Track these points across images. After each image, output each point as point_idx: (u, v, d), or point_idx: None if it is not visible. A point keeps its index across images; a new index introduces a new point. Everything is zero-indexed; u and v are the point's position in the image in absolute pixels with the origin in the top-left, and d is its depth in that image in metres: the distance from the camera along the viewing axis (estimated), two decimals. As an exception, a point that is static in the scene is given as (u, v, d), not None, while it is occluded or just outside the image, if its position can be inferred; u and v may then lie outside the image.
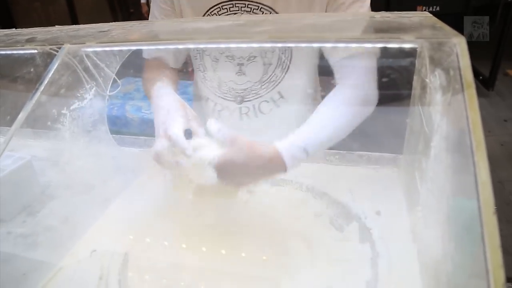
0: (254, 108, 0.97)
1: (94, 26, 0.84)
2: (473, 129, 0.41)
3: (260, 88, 0.94)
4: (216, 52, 0.91)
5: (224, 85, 0.95)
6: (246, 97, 0.96)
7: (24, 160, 0.90)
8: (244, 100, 0.96)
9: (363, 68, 0.78)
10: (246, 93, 0.95)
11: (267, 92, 0.94)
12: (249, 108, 0.97)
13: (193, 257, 0.75)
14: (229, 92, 0.96)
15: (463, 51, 0.47)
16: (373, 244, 0.73)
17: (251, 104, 0.97)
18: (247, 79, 0.93)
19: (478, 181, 0.37)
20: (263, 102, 0.96)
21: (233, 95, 0.96)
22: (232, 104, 0.97)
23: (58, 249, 0.77)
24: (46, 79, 0.66)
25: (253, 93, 0.95)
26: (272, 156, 0.66)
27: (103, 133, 0.91)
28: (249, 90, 0.95)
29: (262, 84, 0.93)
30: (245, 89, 0.95)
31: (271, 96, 0.95)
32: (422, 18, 0.65)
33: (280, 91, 0.94)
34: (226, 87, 0.95)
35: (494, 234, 0.34)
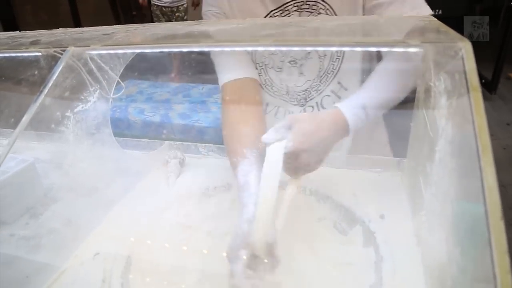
0: (317, 105, 0.97)
1: (99, 29, 0.84)
2: (479, 133, 0.41)
3: (319, 84, 0.94)
4: (278, 60, 0.91)
5: (291, 90, 0.96)
6: (308, 97, 0.96)
7: (27, 163, 0.90)
8: (306, 101, 0.96)
9: None
10: (307, 93, 0.95)
11: (327, 86, 0.94)
12: (313, 107, 0.97)
13: (196, 259, 0.75)
14: (294, 96, 0.96)
15: (468, 55, 0.46)
16: (377, 248, 0.73)
17: (314, 102, 0.96)
18: (306, 78, 0.93)
19: (485, 186, 0.37)
20: (324, 97, 0.96)
21: (296, 98, 0.96)
22: (296, 108, 0.97)
23: (61, 252, 0.77)
24: (50, 82, 0.66)
25: (314, 90, 0.95)
26: (337, 118, 0.67)
27: (107, 136, 0.91)
28: (310, 89, 0.95)
29: (320, 79, 0.93)
30: (306, 89, 0.95)
31: (331, 88, 0.95)
32: (426, 22, 0.65)
33: (339, 81, 0.94)
34: (292, 92, 0.96)
35: (501, 240, 0.33)
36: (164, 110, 2.48)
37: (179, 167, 1.01)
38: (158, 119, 2.40)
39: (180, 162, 1.02)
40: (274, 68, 0.93)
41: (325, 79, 0.93)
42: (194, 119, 2.36)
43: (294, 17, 0.85)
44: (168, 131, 2.38)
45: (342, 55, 0.90)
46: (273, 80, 0.95)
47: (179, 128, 2.35)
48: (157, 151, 1.07)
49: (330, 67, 0.92)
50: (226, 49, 0.84)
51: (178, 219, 0.84)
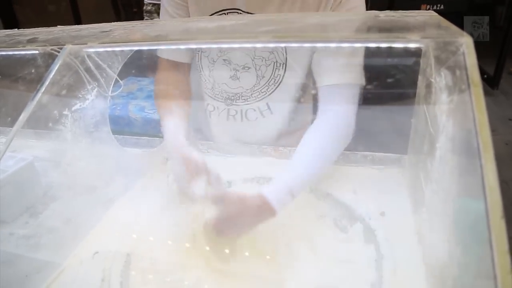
0: (241, 112, 0.99)
1: (96, 26, 0.84)
2: (480, 130, 0.40)
3: (250, 96, 0.96)
4: (214, 54, 0.92)
5: (217, 86, 0.97)
6: (235, 101, 0.98)
7: (26, 161, 0.90)
8: (233, 103, 0.99)
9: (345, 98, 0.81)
10: (236, 97, 0.97)
11: (256, 101, 0.97)
12: (236, 112, 1.00)
13: (196, 257, 0.75)
14: (221, 94, 0.98)
15: (470, 50, 0.46)
16: (377, 245, 0.72)
17: (239, 108, 0.99)
18: (240, 84, 0.95)
19: (486, 184, 0.36)
20: (250, 109, 0.98)
21: (224, 96, 0.98)
22: (222, 105, 1.00)
23: (61, 251, 0.77)
24: (48, 80, 0.65)
25: (242, 99, 0.97)
26: (262, 206, 0.69)
27: (105, 134, 0.91)
28: (240, 95, 0.97)
29: (252, 93, 0.95)
30: (236, 94, 0.97)
31: (259, 106, 0.97)
32: (427, 17, 0.64)
33: (268, 103, 0.96)
34: (219, 89, 0.98)
35: (502, 239, 0.33)
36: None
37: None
38: (159, 116, 2.40)
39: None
40: (208, 58, 0.94)
41: (256, 95, 0.95)
42: (194, 116, 2.35)
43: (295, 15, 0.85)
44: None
45: (280, 82, 0.92)
46: (203, 68, 0.96)
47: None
48: (156, 149, 1.07)
49: (264, 88, 0.94)
50: (223, 46, 0.84)
51: (177, 217, 0.84)
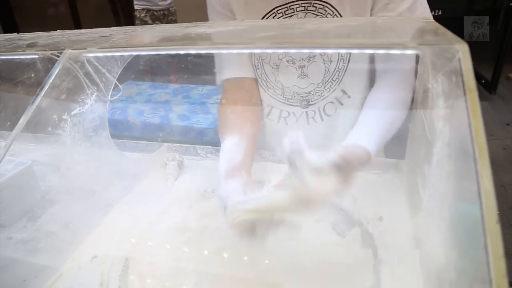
0: (319, 111, 0.96)
1: (96, 31, 0.84)
2: (476, 136, 0.40)
3: (323, 89, 0.93)
4: (275, 58, 0.90)
5: (288, 90, 0.95)
6: (311, 100, 0.95)
7: (25, 165, 0.90)
8: (309, 104, 0.96)
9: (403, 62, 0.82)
10: (310, 96, 0.95)
11: (331, 92, 0.94)
12: (314, 112, 0.97)
13: (195, 261, 0.75)
14: (294, 97, 0.95)
15: (465, 57, 0.46)
16: (375, 249, 0.72)
17: (316, 107, 0.96)
18: (310, 81, 0.92)
19: (481, 189, 0.36)
20: (328, 103, 0.96)
21: (298, 99, 0.95)
22: (298, 109, 0.97)
23: (59, 255, 0.77)
24: (47, 84, 0.66)
25: (317, 95, 0.94)
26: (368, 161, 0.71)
27: (104, 138, 0.91)
28: (314, 93, 0.94)
29: (325, 85, 0.93)
30: (309, 92, 0.94)
31: (335, 95, 0.94)
32: (424, 24, 0.65)
33: (343, 89, 0.93)
34: (290, 92, 0.95)
35: (497, 244, 0.33)
36: (164, 112, 2.48)
37: (178, 169, 1.01)
38: (158, 120, 2.40)
39: (178, 164, 1.02)
40: (271, 63, 0.92)
41: (329, 85, 0.93)
42: (193, 120, 2.36)
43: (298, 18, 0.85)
44: (167, 132, 2.38)
45: (347, 63, 0.90)
46: (267, 75, 0.94)
47: (178, 130, 2.35)
48: (155, 153, 1.07)
49: (335, 74, 0.91)
50: (223, 51, 0.85)
51: (176, 222, 0.84)
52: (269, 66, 0.92)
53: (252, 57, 0.93)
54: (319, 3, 0.83)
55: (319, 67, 0.90)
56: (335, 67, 0.90)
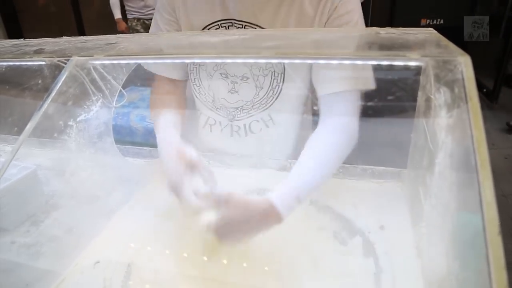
0: (245, 127, 0.99)
1: (102, 38, 0.85)
2: (478, 147, 0.41)
3: (251, 108, 0.95)
4: (211, 68, 0.92)
5: (218, 101, 0.97)
6: (237, 116, 0.97)
7: (29, 170, 0.90)
8: (235, 119, 0.98)
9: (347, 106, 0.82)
10: (237, 112, 0.97)
11: (258, 113, 0.96)
12: (239, 127, 0.99)
13: (196, 268, 0.75)
14: (222, 109, 0.97)
15: (468, 69, 0.47)
16: (376, 259, 0.73)
17: (242, 123, 0.98)
18: (239, 98, 0.94)
19: (483, 200, 0.37)
20: (253, 121, 0.98)
21: (225, 112, 0.98)
22: (225, 120, 0.99)
23: (62, 260, 0.77)
24: (54, 91, 0.67)
25: (244, 112, 0.96)
26: (268, 210, 0.68)
27: (109, 145, 0.92)
28: (241, 109, 0.96)
29: (253, 104, 0.95)
30: (236, 108, 0.96)
31: (262, 116, 0.97)
32: (427, 35, 0.66)
33: (270, 114, 0.96)
34: (219, 103, 0.97)
35: (499, 255, 0.34)
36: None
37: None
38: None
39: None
40: (206, 71, 0.94)
41: (257, 106, 0.95)
42: (195, 126, 2.36)
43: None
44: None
45: (279, 92, 0.92)
46: (202, 82, 0.96)
47: (180, 135, 2.36)
48: (158, 159, 1.07)
49: (264, 99, 0.94)
50: (227, 60, 0.85)
51: (178, 228, 0.85)
52: (205, 73, 0.94)
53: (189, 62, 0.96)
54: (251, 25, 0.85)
55: (250, 88, 0.92)
56: (265, 94, 0.93)
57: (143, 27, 4.03)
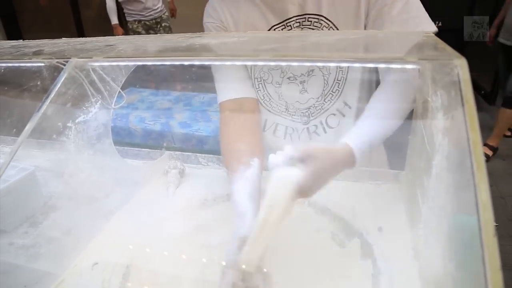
0: (321, 123, 0.97)
1: (101, 40, 0.85)
2: (474, 150, 0.41)
3: (324, 102, 0.94)
4: (277, 76, 0.91)
5: (291, 106, 0.95)
6: (312, 115, 0.96)
7: (28, 171, 0.91)
8: (310, 119, 0.96)
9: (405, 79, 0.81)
10: (311, 111, 0.95)
11: (332, 104, 0.94)
12: (316, 126, 0.97)
13: (194, 269, 0.75)
14: (296, 113, 0.96)
15: (464, 73, 0.47)
16: (374, 260, 0.73)
17: (318, 120, 0.96)
18: (309, 96, 0.93)
19: (479, 202, 0.37)
20: (330, 115, 0.96)
21: (299, 115, 0.96)
22: (300, 125, 0.97)
23: (60, 261, 0.78)
24: (53, 92, 0.67)
25: (318, 109, 0.95)
26: (347, 156, 0.69)
27: (107, 146, 0.92)
28: (313, 107, 0.95)
29: (325, 97, 0.93)
30: (309, 107, 0.95)
31: (337, 107, 0.95)
32: (424, 38, 0.66)
33: (344, 100, 0.94)
34: (293, 108, 0.95)
35: (494, 256, 0.34)
36: (165, 119, 2.49)
37: (179, 177, 1.02)
38: (159, 127, 2.41)
39: (179, 172, 1.03)
40: (273, 83, 0.93)
41: (329, 97, 0.93)
42: (194, 128, 2.37)
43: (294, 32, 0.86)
44: (168, 139, 2.39)
45: (346, 74, 0.91)
46: (271, 95, 0.95)
47: (179, 137, 2.36)
48: (157, 161, 1.08)
49: (335, 86, 0.92)
50: (227, 63, 0.86)
51: (177, 230, 0.85)
52: (272, 85, 0.93)
53: (252, 79, 0.94)
54: (313, 17, 0.84)
55: (319, 80, 0.91)
56: (334, 78, 0.91)
57: (144, 28, 4.04)
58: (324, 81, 0.91)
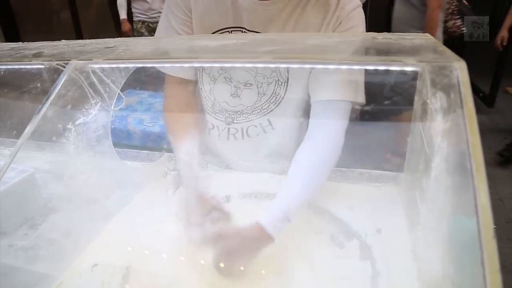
0: (242, 130, 0.99)
1: (100, 42, 0.85)
2: (473, 152, 0.42)
3: (251, 113, 0.96)
4: (215, 72, 0.93)
5: (218, 105, 0.97)
6: (236, 119, 0.98)
7: (27, 173, 0.91)
8: (233, 122, 0.99)
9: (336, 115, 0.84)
10: (237, 116, 0.98)
11: (257, 118, 0.97)
12: (237, 130, 1.00)
13: (193, 271, 0.75)
14: (221, 112, 0.98)
15: (463, 75, 0.48)
16: (373, 262, 0.73)
17: (240, 126, 0.99)
18: (241, 102, 0.95)
19: (478, 204, 0.37)
20: (251, 126, 0.98)
21: (224, 115, 0.98)
22: (222, 124, 1.00)
23: (60, 263, 0.77)
24: (53, 94, 0.67)
25: (243, 116, 0.97)
26: (259, 234, 0.72)
27: (107, 148, 0.92)
28: (240, 113, 0.97)
29: (253, 110, 0.96)
30: (236, 112, 0.97)
31: (260, 122, 0.98)
32: (423, 40, 0.66)
33: (269, 119, 0.97)
34: (219, 107, 0.98)
35: (493, 258, 0.34)
36: (164, 121, 2.48)
37: (178, 179, 1.02)
38: (158, 129, 2.41)
39: (179, 174, 1.03)
40: (210, 75, 0.94)
41: (257, 112, 0.96)
42: (193, 129, 2.36)
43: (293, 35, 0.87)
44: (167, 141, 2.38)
45: (281, 100, 0.93)
46: (203, 85, 0.97)
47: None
48: (156, 163, 1.08)
49: (265, 105, 0.95)
50: (226, 65, 0.86)
51: (176, 231, 0.85)
52: (208, 77, 0.95)
53: None
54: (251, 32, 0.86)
55: (253, 94, 0.93)
56: (266, 100, 0.94)
57: (148, 30, 4.04)
58: (258, 96, 0.94)
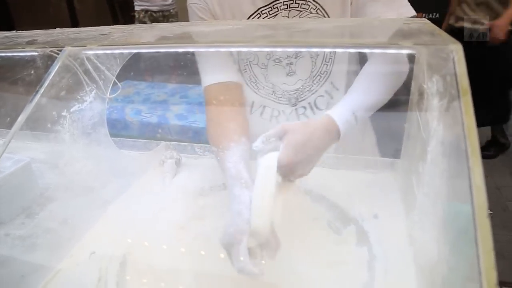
0: (310, 105, 0.97)
1: (95, 29, 0.85)
2: (468, 134, 0.41)
3: (312, 84, 0.94)
4: (263, 58, 0.91)
5: (278, 89, 0.95)
6: (300, 97, 0.96)
7: (23, 162, 0.90)
8: (298, 100, 0.96)
9: None
10: (299, 93, 0.95)
11: (320, 86, 0.94)
12: (305, 108, 0.97)
13: (191, 259, 0.76)
14: (283, 96, 0.96)
15: (459, 57, 0.47)
16: (370, 247, 0.73)
17: (307, 102, 0.96)
18: (298, 77, 0.93)
19: (473, 185, 0.37)
20: (318, 97, 0.96)
21: (287, 97, 0.96)
22: (288, 107, 0.97)
23: (57, 252, 0.78)
24: (47, 82, 0.66)
25: (306, 91, 0.95)
26: (330, 126, 0.69)
27: (103, 136, 0.91)
28: (302, 89, 0.95)
29: (313, 79, 0.93)
30: (297, 89, 0.95)
31: (325, 89, 0.95)
32: (420, 25, 0.66)
33: (332, 82, 0.94)
34: (280, 91, 0.95)
35: (487, 237, 0.34)
36: (161, 111, 2.47)
37: (175, 167, 1.02)
38: (155, 120, 2.40)
39: (176, 162, 1.03)
40: (259, 64, 0.93)
41: (318, 79, 0.93)
42: (191, 120, 2.36)
43: (282, 17, 0.86)
44: (165, 132, 2.38)
45: (334, 56, 0.91)
46: (257, 77, 0.95)
47: (176, 129, 2.35)
48: (153, 151, 1.08)
49: (323, 68, 0.92)
50: (222, 49, 0.85)
51: (174, 219, 0.85)
52: (258, 67, 0.93)
53: (238, 61, 0.94)
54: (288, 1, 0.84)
55: (307, 62, 0.91)
56: (322, 60, 0.91)
57: (150, 19, 3.98)
58: (312, 62, 0.91)
